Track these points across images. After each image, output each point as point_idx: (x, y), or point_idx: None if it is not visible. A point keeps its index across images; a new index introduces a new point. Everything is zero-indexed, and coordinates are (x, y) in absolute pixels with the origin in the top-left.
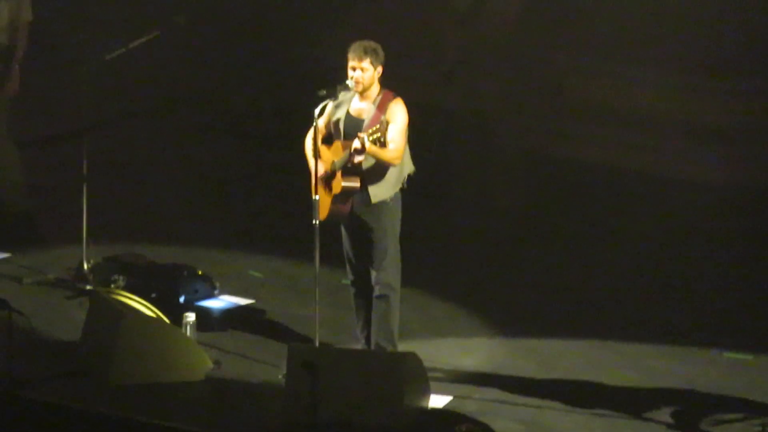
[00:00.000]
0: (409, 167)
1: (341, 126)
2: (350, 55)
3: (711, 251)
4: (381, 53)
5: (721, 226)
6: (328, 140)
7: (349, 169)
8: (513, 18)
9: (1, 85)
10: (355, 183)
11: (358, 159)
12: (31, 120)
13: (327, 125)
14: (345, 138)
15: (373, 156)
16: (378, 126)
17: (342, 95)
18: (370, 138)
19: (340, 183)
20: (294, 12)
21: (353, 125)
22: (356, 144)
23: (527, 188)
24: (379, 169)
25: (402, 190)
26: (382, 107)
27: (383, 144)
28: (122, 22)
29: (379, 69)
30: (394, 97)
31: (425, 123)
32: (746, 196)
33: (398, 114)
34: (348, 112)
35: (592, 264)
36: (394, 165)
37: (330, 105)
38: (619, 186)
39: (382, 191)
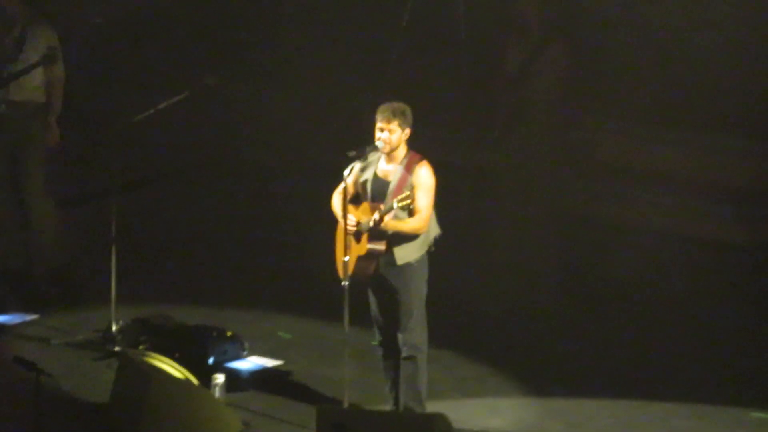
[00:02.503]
0: (435, 230)
1: (368, 187)
2: (378, 117)
3: (737, 310)
4: (409, 115)
5: (747, 286)
6: (355, 200)
7: (376, 231)
8: (548, 81)
9: (42, 140)
10: (381, 246)
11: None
12: (60, 181)
13: (355, 185)
14: (372, 199)
15: (394, 230)
16: (408, 193)
17: (370, 156)
18: (399, 204)
19: (365, 245)
20: (327, 71)
21: (380, 187)
22: (375, 217)
23: (556, 248)
24: (403, 233)
25: (428, 252)
26: (408, 169)
27: (411, 213)
28: (152, 82)
29: (407, 131)
30: (421, 160)
31: (456, 182)
32: None
33: (424, 178)
34: (375, 174)
35: (620, 324)
36: (419, 234)
37: (357, 165)
38: (649, 245)
39: (407, 253)
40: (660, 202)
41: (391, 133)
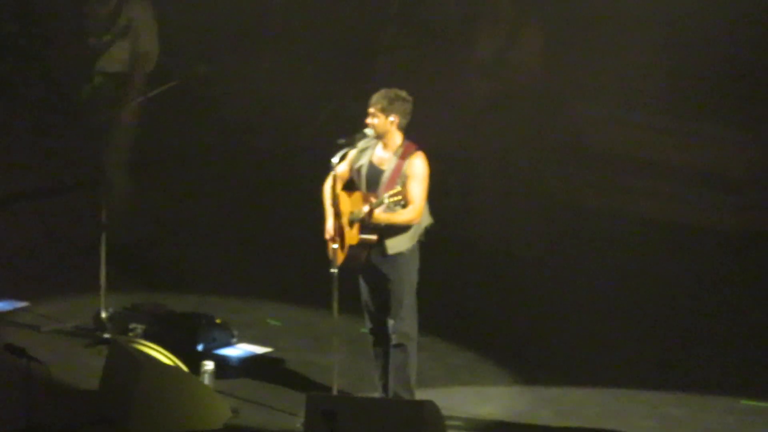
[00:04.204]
0: (427, 220)
1: (363, 173)
2: (370, 102)
3: (728, 299)
4: (398, 102)
5: (738, 274)
6: (350, 186)
7: (367, 222)
8: (533, 68)
9: (131, 113)
10: (373, 236)
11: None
12: (50, 167)
13: (350, 171)
14: (367, 186)
15: (387, 223)
16: (399, 189)
17: (364, 142)
18: (390, 200)
19: (357, 235)
20: (315, 60)
21: (374, 174)
22: (366, 209)
23: (546, 236)
24: (395, 225)
25: (420, 242)
26: (403, 159)
27: (404, 206)
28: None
29: (393, 118)
30: (416, 150)
31: (446, 172)
32: (762, 244)
33: (418, 169)
34: (370, 160)
35: (611, 312)
36: (412, 224)
37: (353, 151)
38: (638, 233)
39: (399, 243)
40: (648, 189)
41: (372, 118)
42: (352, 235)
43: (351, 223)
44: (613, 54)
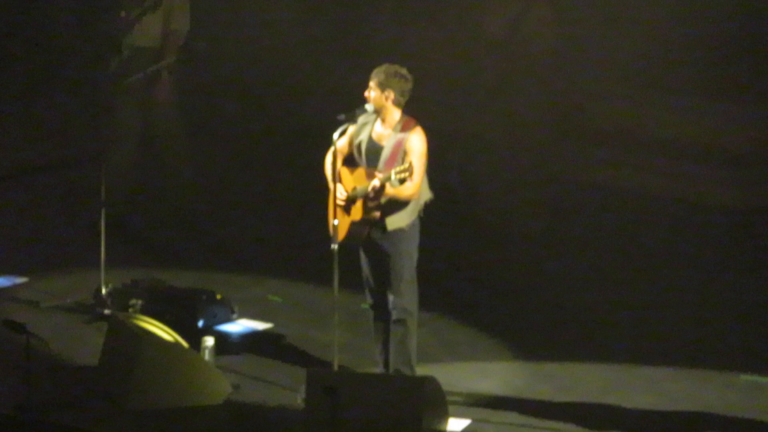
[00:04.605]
0: (426, 195)
1: (363, 148)
2: (371, 75)
3: (728, 274)
4: (396, 79)
5: (739, 250)
6: (350, 162)
7: (371, 198)
8: (539, 44)
9: (151, 90)
10: (376, 212)
11: (374, 203)
12: (49, 143)
13: (350, 145)
14: (367, 162)
15: (391, 198)
16: (406, 166)
17: (363, 117)
18: (398, 176)
19: (359, 211)
20: (320, 36)
21: (374, 150)
22: (375, 184)
23: (549, 212)
24: (398, 200)
25: (420, 218)
26: (402, 135)
27: (403, 181)
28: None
29: (388, 93)
30: (415, 126)
31: (447, 147)
32: (765, 219)
33: (416, 144)
34: (370, 136)
35: (610, 287)
36: (411, 200)
37: (354, 126)
38: (639, 209)
39: (399, 219)
40: (653, 165)
41: (370, 91)
42: (355, 212)
43: (354, 199)
44: (619, 30)
